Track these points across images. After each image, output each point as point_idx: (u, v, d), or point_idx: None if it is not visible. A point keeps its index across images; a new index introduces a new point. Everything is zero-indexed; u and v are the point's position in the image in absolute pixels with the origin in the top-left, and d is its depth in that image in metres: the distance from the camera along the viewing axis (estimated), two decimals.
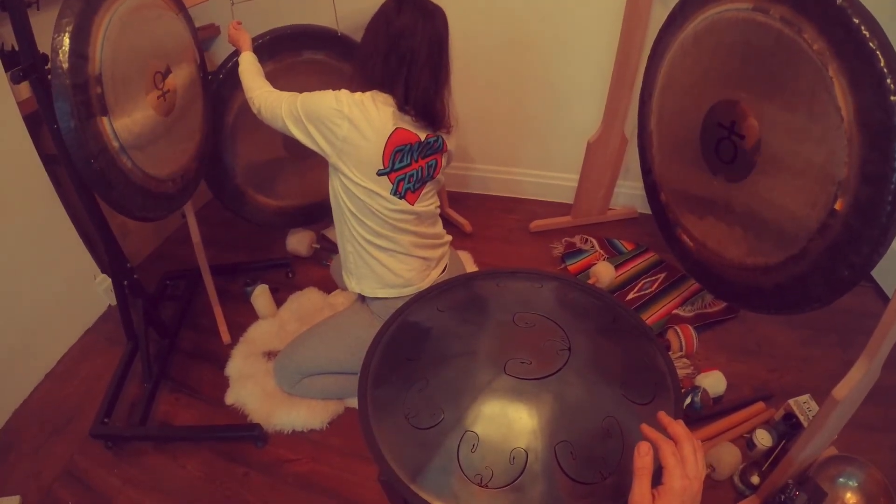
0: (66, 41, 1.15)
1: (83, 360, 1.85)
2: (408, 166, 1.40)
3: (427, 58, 1.33)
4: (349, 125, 1.30)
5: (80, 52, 1.17)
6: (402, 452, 0.76)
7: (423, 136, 1.40)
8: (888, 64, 1.06)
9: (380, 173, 1.36)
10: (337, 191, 1.43)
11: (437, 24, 1.35)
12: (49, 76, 1.18)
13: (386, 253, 1.47)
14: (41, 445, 1.57)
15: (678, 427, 0.68)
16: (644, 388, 0.82)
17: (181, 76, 1.56)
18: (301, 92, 1.39)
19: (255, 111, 1.47)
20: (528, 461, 0.70)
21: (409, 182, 1.42)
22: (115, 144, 1.29)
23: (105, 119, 1.25)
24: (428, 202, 1.51)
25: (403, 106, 1.34)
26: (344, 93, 1.33)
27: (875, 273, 1.99)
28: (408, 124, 1.37)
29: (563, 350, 0.82)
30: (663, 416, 0.70)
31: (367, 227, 1.43)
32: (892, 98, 1.06)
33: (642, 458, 0.63)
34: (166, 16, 1.50)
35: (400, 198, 1.42)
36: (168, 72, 1.49)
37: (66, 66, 1.14)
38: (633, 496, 0.62)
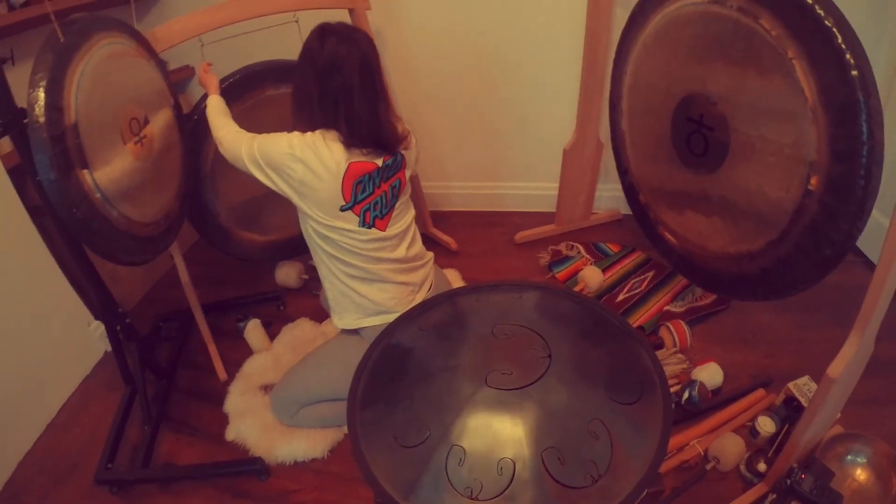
0: (41, 95, 1.16)
1: (84, 408, 1.84)
2: (371, 194, 1.38)
3: (360, 89, 1.30)
4: (303, 168, 1.30)
5: (55, 104, 1.19)
6: (393, 473, 0.76)
7: (380, 161, 1.37)
8: (846, 40, 1.07)
9: (343, 209, 1.35)
10: (309, 233, 1.43)
11: (362, 49, 1.30)
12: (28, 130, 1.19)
13: (365, 283, 1.47)
14: (47, 495, 1.56)
15: None
16: (630, 387, 0.82)
17: (158, 121, 1.58)
18: (271, 131, 1.38)
19: (221, 152, 1.47)
20: (517, 470, 0.70)
21: (374, 210, 1.40)
22: (97, 193, 1.30)
23: (84, 169, 1.26)
24: (401, 222, 1.49)
25: (349, 142, 1.32)
26: (295, 135, 1.32)
27: (863, 245, 2.00)
28: (362, 156, 1.34)
29: (544, 357, 0.82)
30: None
31: (343, 262, 1.43)
32: (853, 73, 1.07)
33: None
34: (138, 63, 1.52)
35: (369, 227, 1.40)
36: (145, 118, 1.51)
37: (42, 119, 1.16)
38: None
